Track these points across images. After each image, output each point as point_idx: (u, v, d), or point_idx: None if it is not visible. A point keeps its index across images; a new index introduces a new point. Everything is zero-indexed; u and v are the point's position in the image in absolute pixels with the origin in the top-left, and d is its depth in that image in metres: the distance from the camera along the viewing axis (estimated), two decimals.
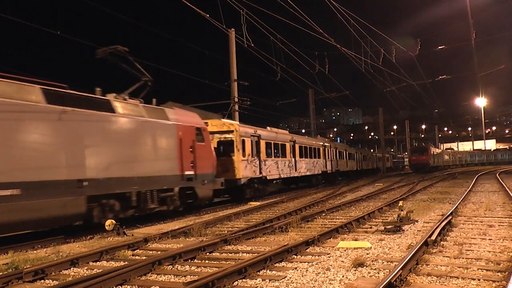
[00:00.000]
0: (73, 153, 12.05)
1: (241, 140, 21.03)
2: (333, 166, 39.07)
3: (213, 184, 18.01)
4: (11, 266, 8.51)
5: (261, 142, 23.41)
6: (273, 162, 24.98)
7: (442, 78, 40.99)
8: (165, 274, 7.58)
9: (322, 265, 7.61)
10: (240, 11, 20.92)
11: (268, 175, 23.94)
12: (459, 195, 19.50)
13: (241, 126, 21.75)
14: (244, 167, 21.06)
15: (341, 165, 42.90)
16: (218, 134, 21.11)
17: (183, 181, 16.10)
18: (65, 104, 11.99)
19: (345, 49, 27.70)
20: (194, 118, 17.36)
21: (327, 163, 37.02)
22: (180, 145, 15.93)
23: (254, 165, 22.29)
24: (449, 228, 10.73)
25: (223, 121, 21.65)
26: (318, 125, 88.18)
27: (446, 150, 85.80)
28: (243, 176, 20.88)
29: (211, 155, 17.95)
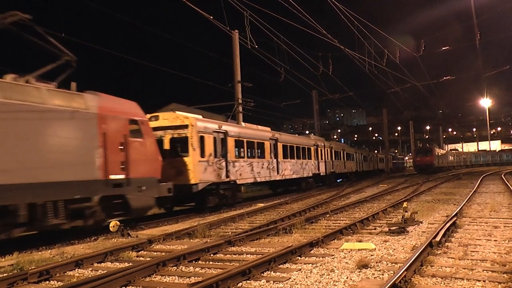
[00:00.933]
0: None
1: (199, 137, 17.40)
2: (327, 168, 35.58)
3: (156, 190, 14.37)
4: (16, 267, 8.56)
5: (228, 139, 19.67)
6: (246, 163, 21.27)
7: (447, 79, 40.86)
8: (170, 275, 7.59)
9: (326, 266, 7.60)
10: (244, 12, 20.93)
11: (238, 179, 20.29)
12: (464, 196, 19.44)
13: (200, 120, 18.10)
14: (203, 170, 17.43)
15: (338, 166, 39.64)
16: (171, 129, 17.53)
17: (108, 187, 12.55)
18: None
19: (348, 50, 27.69)
20: (128, 108, 13.91)
21: (319, 165, 33.46)
22: (104, 141, 12.50)
23: (219, 167, 18.65)
24: (453, 229, 10.70)
25: (177, 114, 17.92)
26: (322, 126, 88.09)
27: (451, 151, 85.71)
28: (201, 181, 17.27)
29: (153, 154, 14.40)
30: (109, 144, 12.72)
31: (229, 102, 27.80)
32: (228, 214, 16.71)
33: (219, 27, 21.79)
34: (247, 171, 21.30)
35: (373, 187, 31.36)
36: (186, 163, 17.02)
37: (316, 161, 32.80)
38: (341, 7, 20.33)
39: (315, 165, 32.38)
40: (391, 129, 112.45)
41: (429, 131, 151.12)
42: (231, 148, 19.98)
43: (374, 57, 29.66)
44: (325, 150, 35.32)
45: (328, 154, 36.36)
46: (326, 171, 35.15)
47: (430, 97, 51.39)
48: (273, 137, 25.32)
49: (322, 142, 35.31)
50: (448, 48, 34.56)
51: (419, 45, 30.38)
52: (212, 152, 18.24)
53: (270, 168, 24.27)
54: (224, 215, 16.86)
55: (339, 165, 40.07)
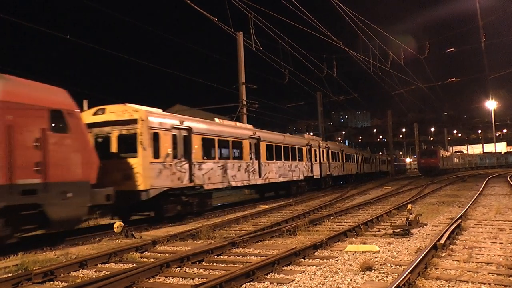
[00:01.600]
0: None
1: (151, 134, 14.81)
2: (323, 170, 32.78)
3: (88, 198, 11.79)
4: (21, 267, 8.59)
5: (193, 138, 16.90)
6: (218, 166, 18.54)
7: (452, 81, 40.79)
8: (173, 276, 7.60)
9: (330, 268, 7.58)
10: (248, 14, 20.99)
11: (206, 184, 17.53)
12: (469, 198, 19.36)
13: (153, 114, 15.36)
14: (156, 173, 14.79)
15: (335, 168, 36.94)
16: (119, 125, 14.86)
17: (13, 195, 10.00)
18: None
19: (353, 52, 27.71)
20: (50, 95, 11.47)
21: (313, 167, 30.66)
22: (9, 136, 10.11)
23: (180, 170, 15.95)
24: (458, 231, 10.66)
25: (126, 107, 15.10)
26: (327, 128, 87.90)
27: (456, 153, 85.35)
28: (154, 186, 14.58)
29: (85, 153, 11.84)
30: (16, 140, 10.25)
31: (233, 103, 27.85)
32: (232, 216, 16.70)
33: (224, 29, 21.85)
34: (218, 175, 18.53)
35: (377, 189, 31.28)
36: (134, 166, 14.36)
37: (309, 162, 30.07)
38: (346, 9, 20.36)
39: (307, 167, 29.62)
40: (395, 131, 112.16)
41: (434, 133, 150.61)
42: (197, 147, 17.18)
43: (379, 58, 29.70)
44: (320, 151, 32.64)
45: (324, 155, 33.84)
46: (321, 174, 32.53)
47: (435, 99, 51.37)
48: (254, 135, 22.37)
49: (317, 142, 32.63)
50: (453, 50, 34.56)
51: (423, 47, 30.39)
52: (170, 152, 15.57)
53: (250, 171, 21.49)
54: (228, 216, 16.85)
55: (337, 167, 37.49)
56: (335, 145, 39.72)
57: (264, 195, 26.57)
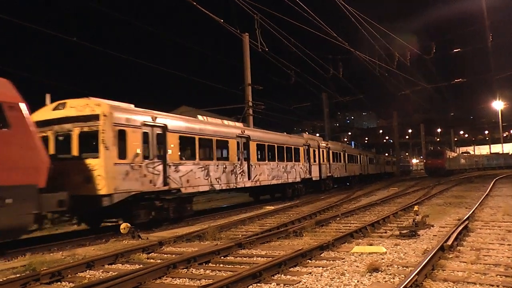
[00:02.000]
0: None
1: (116, 132, 13.17)
2: (322, 172, 31.08)
3: (34, 204, 10.11)
4: (28, 268, 8.64)
5: (168, 136, 15.29)
6: (198, 167, 16.85)
7: (458, 81, 40.63)
8: (180, 277, 7.62)
9: (336, 270, 7.57)
10: (254, 15, 21.01)
11: (184, 187, 15.87)
12: (476, 200, 19.26)
13: (119, 109, 13.73)
14: (123, 176, 13.13)
15: (337, 170, 35.24)
16: (80, 121, 13.24)
17: None
18: None
19: (359, 53, 27.68)
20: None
21: (311, 168, 28.93)
22: None
23: (152, 171, 14.36)
24: (465, 233, 10.61)
25: (87, 101, 13.58)
26: (333, 128, 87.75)
27: (462, 154, 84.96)
28: (119, 190, 12.91)
29: (30, 152, 10.22)
30: None
31: (239, 105, 27.87)
32: (239, 217, 16.70)
33: (230, 30, 21.89)
34: (199, 177, 16.92)
35: (383, 190, 31.20)
36: (95, 167, 12.77)
37: (307, 163, 28.34)
38: (351, 9, 20.33)
39: (305, 169, 27.90)
40: (401, 132, 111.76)
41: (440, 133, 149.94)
42: (174, 147, 15.62)
43: (385, 59, 29.64)
44: (319, 151, 30.95)
45: (324, 155, 32.17)
46: (321, 175, 30.84)
47: (441, 100, 51.16)
48: (243, 134, 20.68)
49: (316, 142, 30.91)
50: (459, 50, 34.43)
51: (429, 47, 30.31)
52: (139, 152, 13.96)
53: (237, 173, 19.78)
54: (234, 217, 16.83)
55: (338, 168, 35.82)
56: (337, 145, 37.93)
57: (258, 198, 25.27)
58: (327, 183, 32.66)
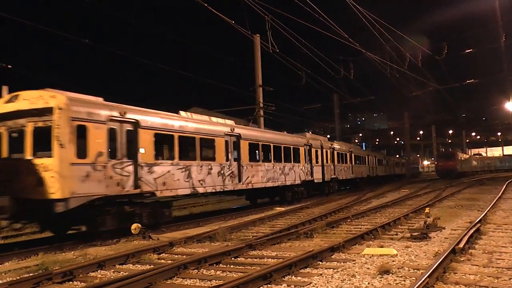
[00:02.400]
0: None
1: (74, 128, 11.55)
2: (325, 173, 29.29)
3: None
4: (41, 267, 8.74)
5: (140, 133, 13.66)
6: (178, 168, 15.13)
7: (470, 82, 40.28)
8: (191, 278, 7.65)
9: (347, 271, 7.56)
10: (265, 17, 21.02)
11: (159, 190, 14.20)
12: (488, 202, 19.08)
13: (77, 102, 12.03)
14: (82, 178, 11.52)
15: (342, 171, 33.65)
16: (34, 116, 11.67)
17: None
18: None
19: (370, 54, 27.57)
20: None
21: (313, 169, 27.21)
22: None
23: (120, 173, 12.73)
24: (477, 235, 10.52)
25: (41, 92, 11.92)
26: (343, 130, 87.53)
27: (474, 156, 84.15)
28: (77, 194, 11.34)
29: None
30: None
31: (250, 106, 27.91)
32: (249, 218, 16.71)
33: (241, 31, 21.92)
34: (179, 179, 15.18)
35: (394, 192, 31.05)
36: (48, 167, 11.21)
37: (308, 165, 26.64)
38: (363, 10, 20.27)
39: (306, 170, 26.12)
40: (412, 133, 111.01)
41: (452, 135, 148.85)
42: (148, 145, 13.93)
43: (396, 60, 29.48)
44: (322, 152, 29.14)
45: (328, 156, 30.55)
46: (324, 177, 29.10)
47: (452, 101, 50.77)
48: (232, 132, 18.93)
49: (319, 142, 29.02)
50: (471, 51, 34.14)
51: (441, 48, 30.09)
52: (104, 150, 12.35)
53: (226, 175, 18.07)
54: (245, 219, 16.84)
55: (344, 170, 34.21)
56: (342, 146, 36.14)
57: (256, 201, 23.80)
58: (331, 185, 31.27)
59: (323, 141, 30.42)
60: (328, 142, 31.89)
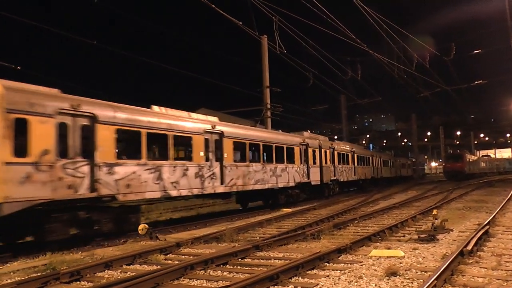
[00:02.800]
0: None
1: (11, 121, 10.06)
2: (325, 175, 27.77)
3: None
4: (49, 267, 8.80)
5: (98, 129, 12.17)
6: (145, 168, 13.59)
7: (478, 83, 40.02)
8: (197, 278, 7.65)
9: (354, 273, 7.53)
10: (273, 18, 21.02)
11: (122, 194, 12.71)
12: (497, 204, 18.93)
13: (18, 91, 10.52)
14: (22, 179, 10.08)
15: (343, 173, 32.06)
16: None
17: None
18: None
19: (377, 54, 27.48)
20: None
21: (309, 171, 25.46)
22: None
23: (72, 174, 11.30)
24: (486, 238, 10.44)
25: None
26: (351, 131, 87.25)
27: (483, 157, 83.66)
28: (13, 198, 9.90)
29: None
30: None
31: (257, 107, 27.91)
32: (256, 219, 16.70)
33: (248, 32, 21.93)
34: (146, 180, 13.61)
35: (401, 193, 30.92)
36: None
37: (304, 165, 24.93)
38: (370, 11, 20.21)
39: (301, 171, 24.40)
40: (420, 135, 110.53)
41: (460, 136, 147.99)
42: (107, 142, 12.40)
43: (403, 61, 29.37)
44: (320, 152, 27.39)
45: (328, 157, 28.91)
46: (323, 179, 27.44)
47: (461, 102, 50.43)
48: (214, 130, 17.22)
49: (316, 141, 27.29)
50: (480, 51, 33.91)
51: (449, 49, 29.93)
52: (50, 148, 10.80)
53: (206, 176, 16.47)
54: (252, 220, 16.84)
55: (345, 171, 32.58)
56: (344, 145, 34.38)
57: (247, 205, 22.58)
58: (331, 187, 29.47)
59: (322, 141, 28.81)
60: (328, 142, 30.25)
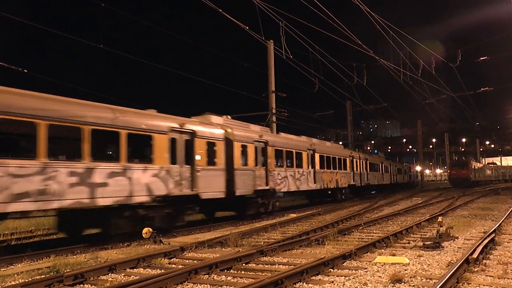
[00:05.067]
0: None
1: None
2: (269, 181, 20.19)
3: None
4: (52, 269, 8.80)
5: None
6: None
7: (484, 90, 39.88)
8: (202, 283, 7.63)
9: (359, 279, 7.49)
10: (279, 23, 21.04)
11: None
12: (503, 212, 18.81)
13: None
14: None
15: (285, 181, 22.16)
16: None
17: None
18: None
19: (383, 61, 27.43)
20: None
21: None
22: None
23: None
24: (492, 246, 10.36)
25: None
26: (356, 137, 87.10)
27: (488, 165, 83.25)
28: None
29: None
30: None
31: (263, 112, 27.90)
32: (261, 224, 16.66)
33: (254, 37, 21.95)
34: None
35: (406, 200, 30.81)
36: None
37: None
38: (376, 17, 20.19)
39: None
40: (425, 141, 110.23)
41: (466, 143, 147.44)
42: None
43: (409, 67, 29.30)
44: (256, 150, 19.60)
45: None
46: (265, 185, 20.00)
47: (467, 109, 50.19)
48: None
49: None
50: (486, 58, 33.81)
51: (455, 55, 29.86)
52: None
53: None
54: (256, 224, 16.80)
55: (292, 178, 23.01)
56: (284, 140, 23.33)
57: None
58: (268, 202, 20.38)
59: (256, 133, 20.42)
60: (269, 135, 22.07)
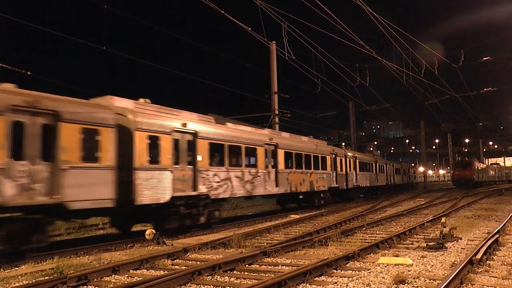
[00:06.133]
0: None
1: None
2: None
3: None
4: (56, 271, 8.82)
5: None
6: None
7: (487, 90, 39.76)
8: (205, 284, 7.63)
9: (362, 280, 7.48)
10: (282, 23, 21.06)
11: None
12: (507, 213, 18.75)
13: None
14: None
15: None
16: None
17: None
18: None
19: (386, 61, 27.42)
20: None
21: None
22: None
23: None
24: (496, 247, 10.32)
25: None
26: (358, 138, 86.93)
27: (492, 165, 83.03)
28: None
29: None
30: None
31: (265, 113, 27.91)
32: (264, 225, 16.65)
33: (256, 38, 21.97)
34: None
35: (409, 201, 30.75)
36: None
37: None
38: (379, 17, 20.19)
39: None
40: (428, 142, 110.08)
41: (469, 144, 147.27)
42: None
43: (412, 67, 29.27)
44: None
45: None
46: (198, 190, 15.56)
47: (470, 109, 50.07)
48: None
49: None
50: (489, 59, 33.74)
51: (458, 56, 29.82)
52: None
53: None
54: (259, 225, 16.78)
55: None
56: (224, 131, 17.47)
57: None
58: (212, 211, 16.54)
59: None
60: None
